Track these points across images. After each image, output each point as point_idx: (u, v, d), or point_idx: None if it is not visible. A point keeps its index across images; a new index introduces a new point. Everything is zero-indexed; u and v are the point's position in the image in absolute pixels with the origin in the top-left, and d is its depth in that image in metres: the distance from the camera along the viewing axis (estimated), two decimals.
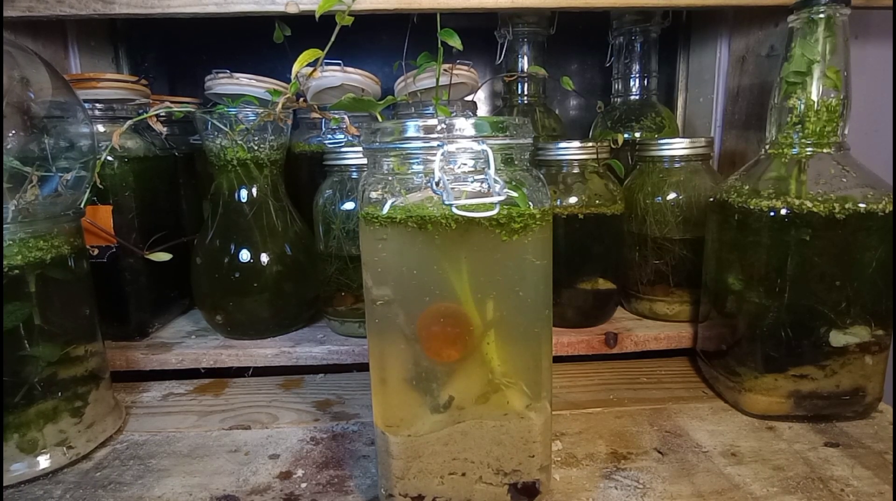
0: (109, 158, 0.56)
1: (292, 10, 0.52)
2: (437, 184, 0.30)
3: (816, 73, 0.46)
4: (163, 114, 0.59)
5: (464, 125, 0.32)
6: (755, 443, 0.46)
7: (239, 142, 0.56)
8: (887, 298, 0.47)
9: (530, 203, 0.33)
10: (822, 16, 0.45)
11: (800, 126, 0.47)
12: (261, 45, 0.62)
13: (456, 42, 0.49)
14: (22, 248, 0.41)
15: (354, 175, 0.58)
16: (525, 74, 0.75)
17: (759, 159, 0.51)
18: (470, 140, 0.32)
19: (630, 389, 0.56)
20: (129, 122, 0.53)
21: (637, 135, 0.72)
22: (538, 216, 0.33)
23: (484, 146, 0.31)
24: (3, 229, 0.40)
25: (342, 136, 0.67)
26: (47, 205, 0.43)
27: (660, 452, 0.45)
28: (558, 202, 0.59)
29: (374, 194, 0.34)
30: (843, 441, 0.46)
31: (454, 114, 0.63)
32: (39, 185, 0.42)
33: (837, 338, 0.47)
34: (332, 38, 0.47)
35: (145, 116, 0.53)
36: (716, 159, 0.74)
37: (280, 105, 0.53)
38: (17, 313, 0.40)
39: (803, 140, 0.47)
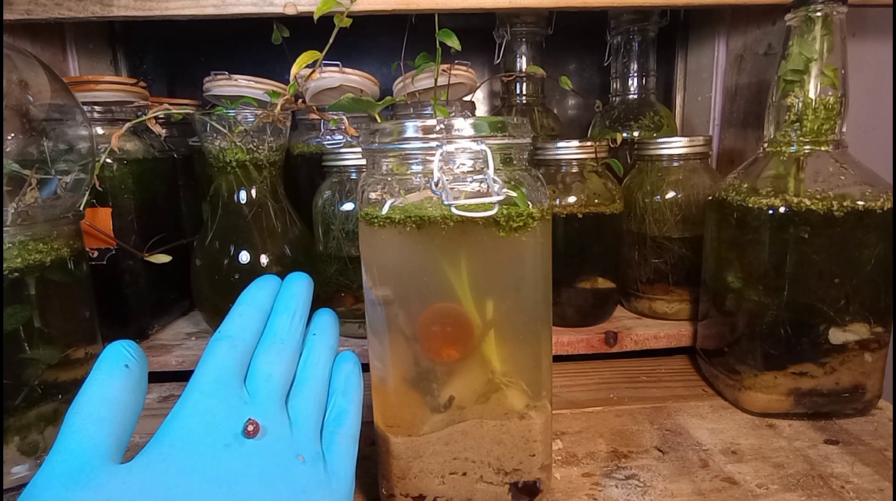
0: (108, 160, 0.56)
1: (291, 11, 0.52)
2: (436, 184, 0.30)
3: (814, 71, 0.46)
4: (161, 116, 0.59)
5: (462, 125, 0.32)
6: (755, 441, 0.46)
7: (238, 143, 0.56)
8: (886, 295, 0.47)
9: (529, 203, 0.33)
10: (819, 14, 0.46)
11: (798, 124, 0.47)
12: (259, 46, 0.63)
13: (454, 42, 0.49)
14: (21, 251, 0.41)
15: (353, 176, 0.58)
16: (523, 74, 0.75)
17: (758, 158, 0.51)
18: (469, 140, 0.32)
19: (630, 387, 0.57)
20: (128, 124, 0.53)
21: (635, 134, 0.72)
22: (537, 216, 0.33)
23: (483, 146, 0.31)
24: (3, 232, 0.40)
25: (341, 137, 0.68)
26: (46, 208, 0.43)
27: (660, 450, 0.45)
28: (557, 202, 0.59)
29: (373, 195, 0.34)
30: (843, 438, 0.46)
31: (453, 114, 0.63)
32: (38, 187, 0.42)
33: (837, 336, 0.47)
34: (331, 40, 0.47)
35: (144, 118, 0.53)
36: (714, 158, 0.74)
37: (279, 106, 0.53)
38: (16, 315, 0.40)
39: (801, 138, 0.47)
